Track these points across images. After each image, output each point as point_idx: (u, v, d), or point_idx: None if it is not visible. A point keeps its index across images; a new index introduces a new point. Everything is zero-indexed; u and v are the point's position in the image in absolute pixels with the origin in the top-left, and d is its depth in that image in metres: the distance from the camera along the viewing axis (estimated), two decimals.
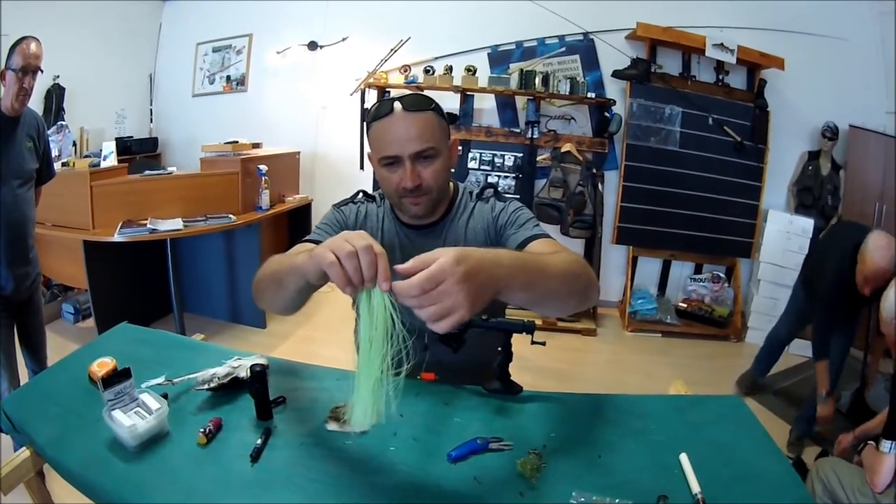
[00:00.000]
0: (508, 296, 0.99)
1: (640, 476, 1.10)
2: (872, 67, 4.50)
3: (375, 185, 4.62)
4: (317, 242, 1.37)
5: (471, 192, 1.57)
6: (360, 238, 0.93)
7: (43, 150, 2.48)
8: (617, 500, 1.01)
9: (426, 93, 1.82)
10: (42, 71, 2.25)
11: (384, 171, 1.37)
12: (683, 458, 1.13)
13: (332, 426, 1.21)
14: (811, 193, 4.61)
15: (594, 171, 4.53)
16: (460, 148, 1.21)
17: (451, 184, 1.53)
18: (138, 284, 4.00)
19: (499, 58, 4.85)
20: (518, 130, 4.69)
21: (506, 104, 4.86)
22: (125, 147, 4.78)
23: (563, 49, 4.76)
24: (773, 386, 3.80)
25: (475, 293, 0.88)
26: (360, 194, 1.61)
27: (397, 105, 1.32)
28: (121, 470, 1.09)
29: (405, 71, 4.70)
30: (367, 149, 1.48)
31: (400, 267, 0.88)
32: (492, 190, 1.56)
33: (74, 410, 1.27)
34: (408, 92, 1.37)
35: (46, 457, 1.18)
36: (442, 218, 1.51)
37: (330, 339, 3.87)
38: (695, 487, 1.05)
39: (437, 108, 1.38)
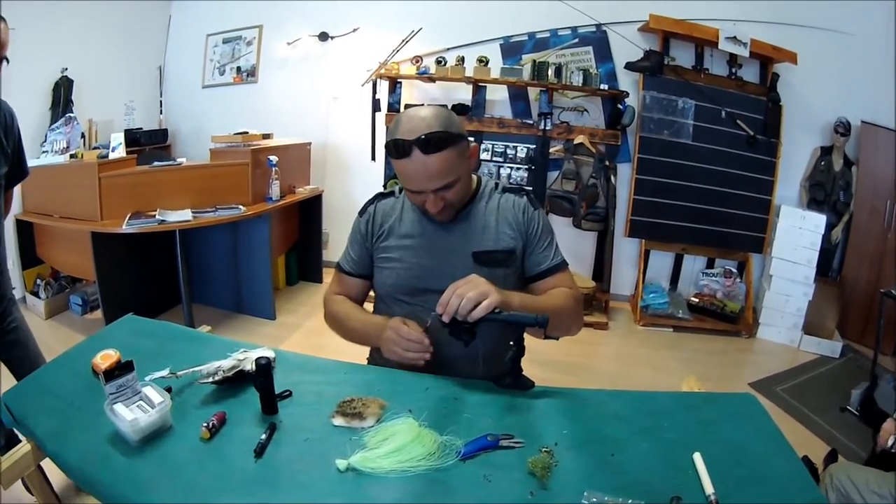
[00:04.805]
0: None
1: (653, 475, 1.08)
2: (885, 63, 4.40)
3: (388, 177, 4.62)
4: (348, 273, 1.66)
5: (495, 185, 1.64)
6: (404, 341, 1.35)
7: (13, 146, 2.08)
8: (630, 501, 0.98)
9: (437, 104, 1.81)
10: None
11: (409, 192, 1.47)
12: (697, 457, 1.11)
13: (338, 421, 1.19)
14: (823, 189, 4.55)
15: (607, 163, 4.47)
16: (474, 140, 1.25)
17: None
18: (147, 275, 4.00)
19: (511, 49, 4.80)
20: (530, 122, 4.64)
21: (518, 95, 4.81)
22: (134, 138, 4.76)
23: (576, 40, 4.70)
24: (786, 383, 3.76)
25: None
26: (375, 197, 1.68)
27: (415, 149, 1.33)
28: (121, 464, 1.07)
29: (417, 62, 4.65)
30: (375, 141, 1.50)
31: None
32: (522, 191, 1.64)
33: (76, 404, 1.26)
34: (422, 133, 1.32)
35: (46, 450, 1.17)
36: (466, 206, 1.56)
37: None
38: (708, 488, 1.03)
39: (453, 141, 1.37)
